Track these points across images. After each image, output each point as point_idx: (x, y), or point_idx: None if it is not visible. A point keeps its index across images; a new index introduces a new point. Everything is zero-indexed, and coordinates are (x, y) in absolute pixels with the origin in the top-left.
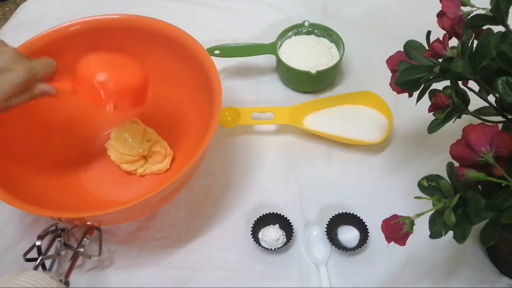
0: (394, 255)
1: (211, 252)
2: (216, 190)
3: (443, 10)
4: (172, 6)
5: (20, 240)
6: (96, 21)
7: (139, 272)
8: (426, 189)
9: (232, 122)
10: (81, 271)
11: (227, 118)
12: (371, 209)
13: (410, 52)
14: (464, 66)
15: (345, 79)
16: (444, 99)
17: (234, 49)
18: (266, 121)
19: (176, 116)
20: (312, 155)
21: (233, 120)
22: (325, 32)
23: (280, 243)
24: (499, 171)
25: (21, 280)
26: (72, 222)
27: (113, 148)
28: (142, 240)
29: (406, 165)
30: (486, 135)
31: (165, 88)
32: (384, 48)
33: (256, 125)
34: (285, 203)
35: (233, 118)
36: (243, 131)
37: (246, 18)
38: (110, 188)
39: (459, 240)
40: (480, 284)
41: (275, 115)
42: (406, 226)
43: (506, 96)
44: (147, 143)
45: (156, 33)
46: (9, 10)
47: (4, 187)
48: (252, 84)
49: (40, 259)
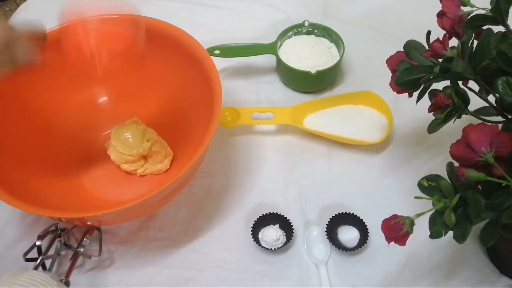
0: (394, 255)
1: (211, 252)
2: (216, 190)
3: (443, 10)
4: (172, 6)
5: (20, 240)
6: (96, 21)
7: (139, 272)
8: (426, 189)
9: (232, 122)
10: (81, 271)
11: (227, 118)
12: (371, 209)
13: (410, 52)
14: (464, 66)
15: (345, 79)
16: (444, 99)
17: (234, 49)
18: (266, 121)
19: (176, 116)
20: (312, 155)
21: (233, 120)
22: (325, 32)
23: (280, 243)
24: (499, 171)
25: (21, 280)
26: (72, 222)
27: (113, 148)
28: (142, 240)
29: (406, 165)
30: (486, 135)
31: (165, 88)
32: (384, 48)
33: (256, 125)
34: (285, 203)
35: (233, 118)
36: (243, 131)
37: (246, 18)
38: (110, 188)
39: (459, 240)
40: (480, 284)
41: (275, 115)
42: (406, 226)
43: (506, 96)
44: (147, 143)
45: (156, 33)
46: (9, 10)
47: (4, 187)
48: (252, 84)
49: (40, 259)
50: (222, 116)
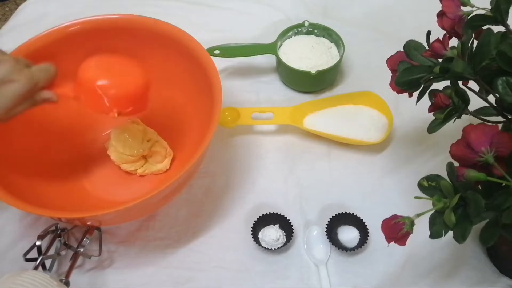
0: (394, 255)
1: (211, 252)
2: (216, 190)
3: (443, 10)
4: (172, 6)
5: (20, 240)
6: (96, 21)
7: (139, 272)
8: (426, 189)
9: (232, 122)
10: (81, 271)
11: (227, 118)
12: (371, 209)
13: (410, 52)
14: (464, 66)
15: (345, 79)
16: (444, 99)
17: (234, 49)
18: (266, 121)
19: (176, 116)
20: (312, 155)
21: (233, 120)
22: (325, 32)
23: (280, 243)
24: (499, 171)
25: (21, 280)
26: (72, 222)
27: (113, 148)
28: (142, 240)
29: (406, 165)
30: (486, 135)
31: (165, 88)
32: (384, 48)
33: (256, 125)
34: (285, 203)
35: (233, 118)
36: (243, 131)
37: (246, 18)
38: (110, 188)
39: (459, 240)
40: (480, 284)
41: (275, 115)
42: (406, 226)
43: (506, 96)
44: (147, 143)
45: (156, 33)
46: (9, 10)
47: (4, 187)
48: (252, 84)
49: (40, 259)
50: (222, 116)
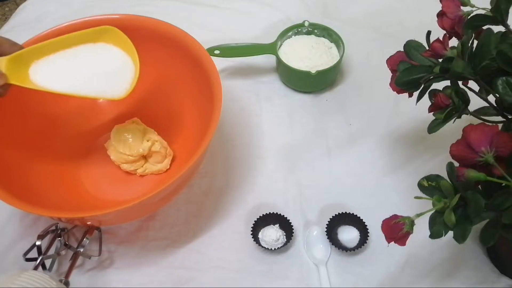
0: (394, 255)
1: (211, 252)
2: (216, 190)
3: (443, 10)
4: (172, 6)
5: (20, 240)
6: (96, 21)
7: (139, 272)
8: (426, 189)
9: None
10: (81, 271)
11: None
12: (371, 209)
13: (410, 52)
14: (464, 66)
15: (345, 79)
16: (444, 99)
17: (234, 49)
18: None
19: (176, 116)
20: (312, 155)
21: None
22: (325, 32)
23: (280, 243)
24: (499, 171)
25: (21, 280)
26: (72, 222)
27: (113, 148)
28: (142, 240)
29: (406, 165)
30: (486, 135)
31: (165, 88)
32: (384, 48)
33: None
34: (285, 203)
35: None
36: (243, 131)
37: (246, 18)
38: (110, 188)
39: (459, 240)
40: (480, 284)
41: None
42: (406, 226)
43: (506, 96)
44: (147, 143)
45: (156, 33)
46: (9, 10)
47: (5, 187)
48: (252, 84)
49: (40, 259)
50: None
